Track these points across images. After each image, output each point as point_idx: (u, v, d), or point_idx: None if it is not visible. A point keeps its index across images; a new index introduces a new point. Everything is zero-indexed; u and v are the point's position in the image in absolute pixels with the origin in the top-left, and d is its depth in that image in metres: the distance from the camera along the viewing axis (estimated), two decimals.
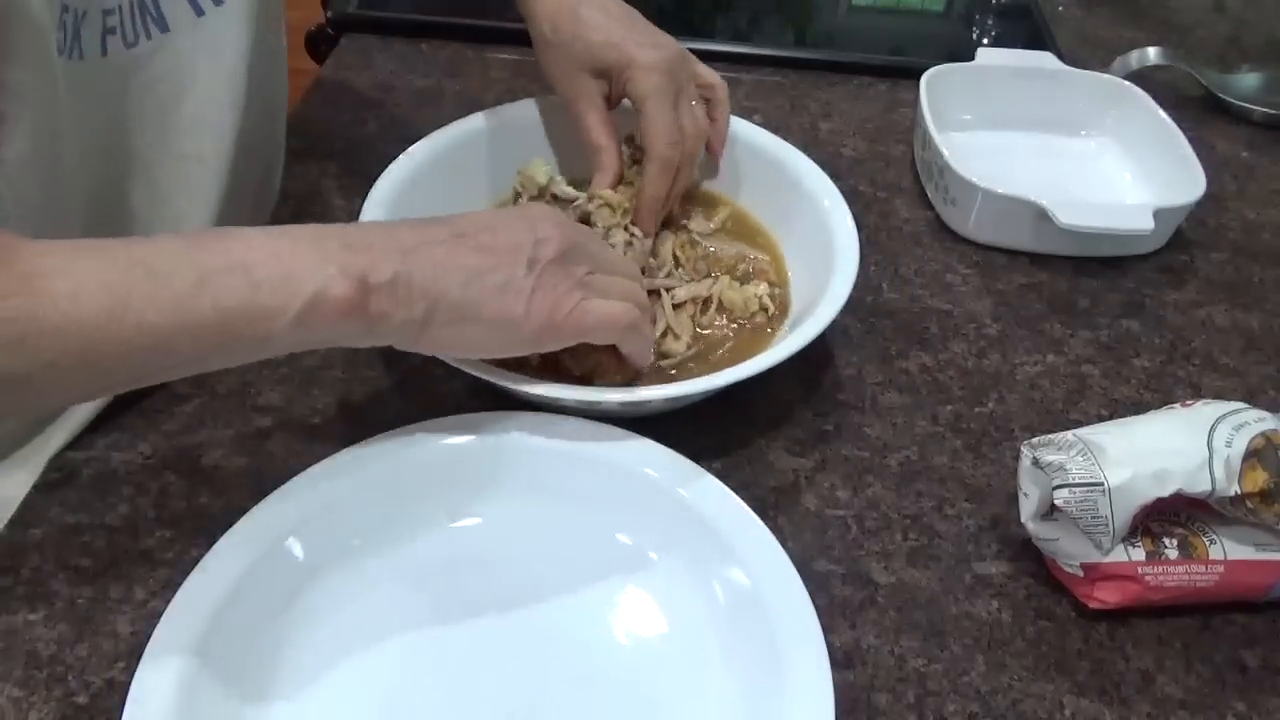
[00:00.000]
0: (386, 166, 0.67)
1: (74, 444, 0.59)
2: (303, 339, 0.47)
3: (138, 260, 0.44)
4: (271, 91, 0.70)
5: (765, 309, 0.66)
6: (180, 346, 0.45)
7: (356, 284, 0.47)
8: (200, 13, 0.60)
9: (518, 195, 0.70)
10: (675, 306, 0.65)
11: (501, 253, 0.51)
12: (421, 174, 0.68)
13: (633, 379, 0.60)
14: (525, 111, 0.74)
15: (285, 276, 0.45)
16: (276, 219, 0.75)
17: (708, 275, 0.68)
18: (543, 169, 0.69)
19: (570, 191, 0.68)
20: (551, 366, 0.60)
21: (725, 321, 0.66)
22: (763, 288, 0.66)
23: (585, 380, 0.59)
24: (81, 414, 0.60)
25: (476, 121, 0.72)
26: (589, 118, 0.66)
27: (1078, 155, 0.87)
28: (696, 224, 0.71)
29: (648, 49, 0.65)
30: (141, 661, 0.46)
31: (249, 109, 0.65)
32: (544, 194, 0.68)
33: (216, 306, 0.44)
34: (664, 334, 0.64)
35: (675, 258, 0.68)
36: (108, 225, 0.60)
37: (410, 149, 0.69)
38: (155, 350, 0.44)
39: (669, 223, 0.70)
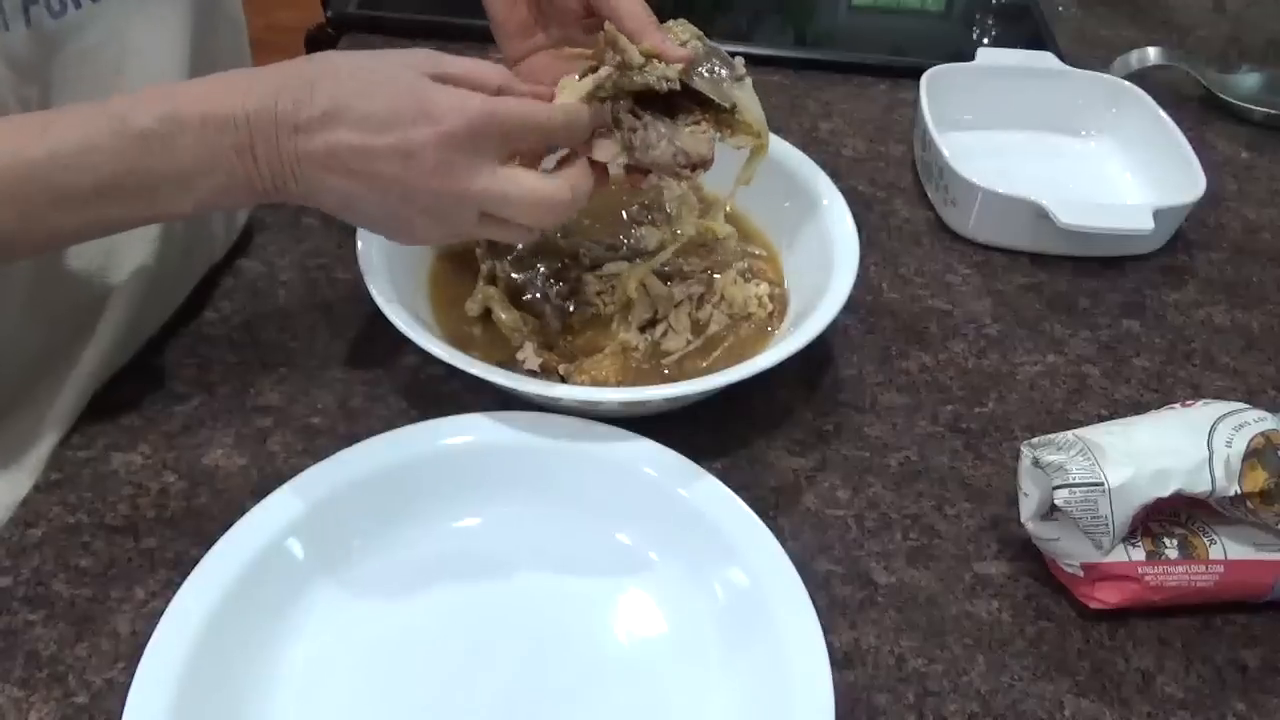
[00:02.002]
0: None
1: (74, 444, 0.59)
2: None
3: (44, 174, 0.47)
4: (229, 58, 0.69)
5: (764, 308, 0.66)
6: (91, 234, 0.52)
7: (244, 191, 0.51)
8: None
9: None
10: (674, 306, 0.65)
11: (372, 196, 0.51)
12: None
13: (631, 382, 0.60)
14: None
15: (181, 181, 0.49)
16: (275, 214, 0.75)
17: (704, 271, 0.68)
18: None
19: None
20: (551, 371, 0.60)
21: (724, 317, 0.66)
22: (763, 287, 0.67)
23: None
24: (69, 407, 0.60)
25: None
26: None
27: (1078, 155, 0.87)
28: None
29: None
30: (141, 661, 0.46)
31: (195, 75, 0.63)
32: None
33: (120, 214, 0.50)
34: (664, 332, 0.64)
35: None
36: None
37: None
38: (72, 238, 0.53)
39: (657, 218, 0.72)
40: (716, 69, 0.58)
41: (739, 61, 0.59)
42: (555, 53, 0.63)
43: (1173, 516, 0.54)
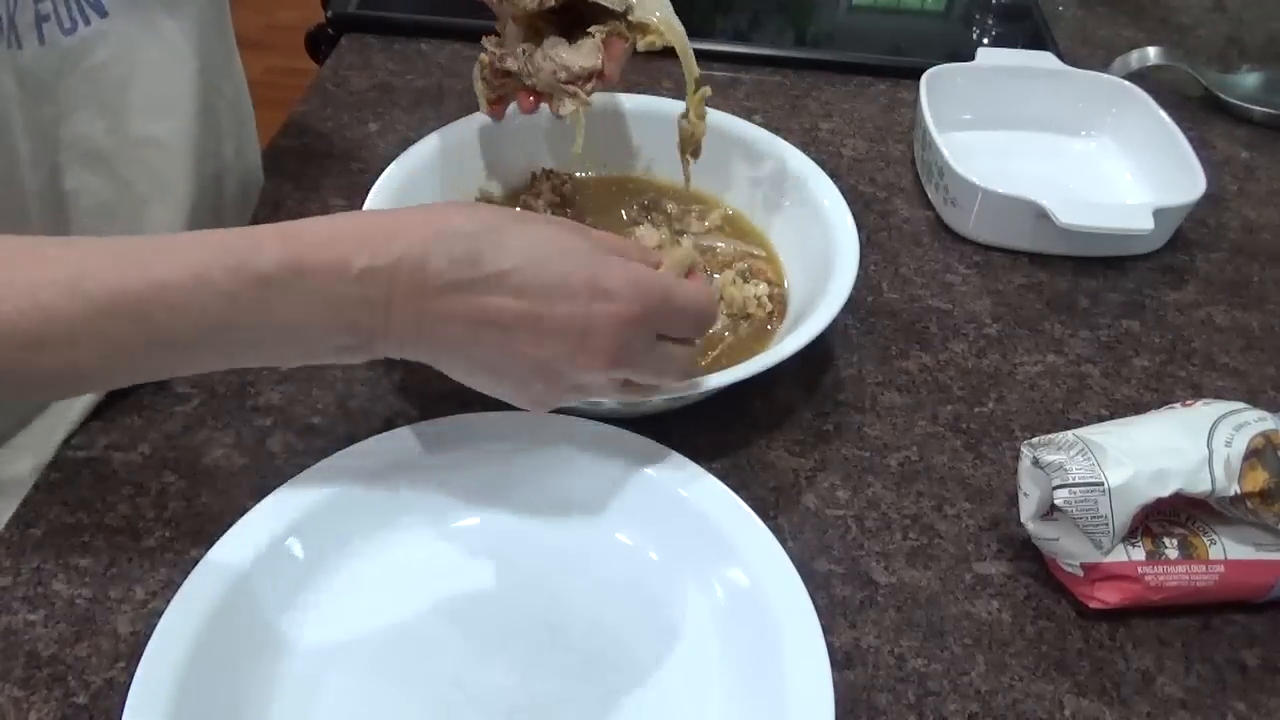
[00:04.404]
0: (386, 166, 0.67)
1: (74, 443, 0.59)
2: None
3: (145, 312, 0.42)
4: (224, 65, 0.69)
5: (764, 308, 0.66)
6: (166, 376, 0.48)
7: (363, 348, 0.47)
8: None
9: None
10: None
11: (526, 364, 0.47)
12: (421, 174, 0.68)
13: None
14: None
15: (295, 334, 0.45)
16: (276, 215, 0.75)
17: (702, 271, 0.68)
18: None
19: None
20: None
21: (723, 317, 0.66)
22: (762, 287, 0.67)
23: None
24: (84, 402, 0.60)
25: (476, 122, 0.72)
26: None
27: (1078, 155, 0.87)
28: (691, 224, 0.72)
29: None
30: (141, 661, 0.46)
31: (204, 87, 0.64)
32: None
33: (211, 363, 0.47)
34: None
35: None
36: (66, 217, 0.60)
37: (410, 149, 0.69)
38: (143, 379, 0.48)
39: (659, 219, 0.72)
40: None
41: None
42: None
43: (1173, 516, 0.54)
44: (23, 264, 0.42)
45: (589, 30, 0.61)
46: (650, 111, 0.74)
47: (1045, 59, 0.89)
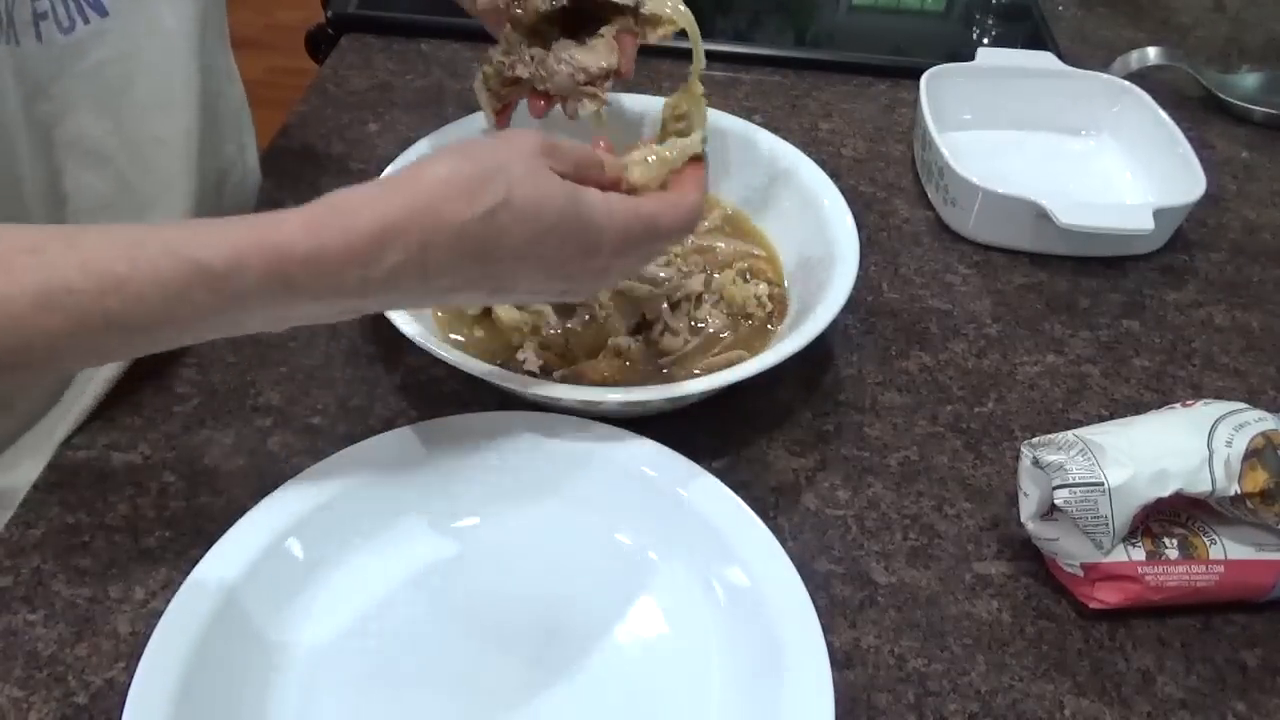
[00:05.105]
0: (386, 166, 0.67)
1: (74, 443, 0.59)
2: None
3: (119, 323, 0.42)
4: (222, 63, 0.69)
5: (764, 308, 0.66)
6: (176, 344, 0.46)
7: (356, 314, 0.48)
8: None
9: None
10: (673, 306, 0.65)
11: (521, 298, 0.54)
12: None
13: (632, 382, 0.60)
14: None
15: (280, 322, 0.46)
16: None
17: (702, 270, 0.68)
18: None
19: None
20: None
21: (723, 316, 0.66)
22: (762, 287, 0.67)
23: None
24: (85, 402, 0.60)
25: (476, 122, 0.72)
26: None
27: (1078, 155, 0.87)
28: None
29: None
30: (141, 661, 0.46)
31: (204, 84, 0.64)
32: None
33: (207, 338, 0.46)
34: (662, 331, 0.64)
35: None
36: (66, 217, 0.60)
37: (410, 149, 0.69)
38: (145, 352, 0.47)
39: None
40: None
41: None
42: None
43: (1173, 516, 0.54)
44: None
45: (600, 31, 0.60)
46: (651, 111, 0.74)
47: (1045, 59, 0.89)
